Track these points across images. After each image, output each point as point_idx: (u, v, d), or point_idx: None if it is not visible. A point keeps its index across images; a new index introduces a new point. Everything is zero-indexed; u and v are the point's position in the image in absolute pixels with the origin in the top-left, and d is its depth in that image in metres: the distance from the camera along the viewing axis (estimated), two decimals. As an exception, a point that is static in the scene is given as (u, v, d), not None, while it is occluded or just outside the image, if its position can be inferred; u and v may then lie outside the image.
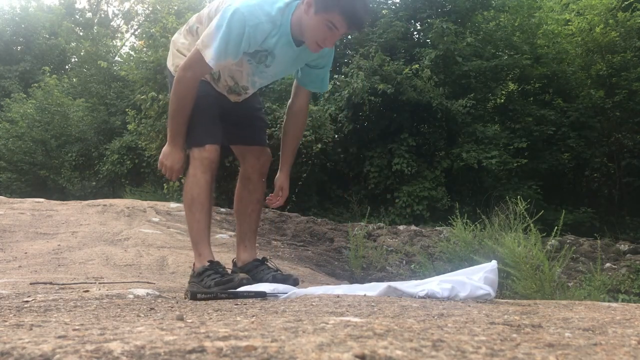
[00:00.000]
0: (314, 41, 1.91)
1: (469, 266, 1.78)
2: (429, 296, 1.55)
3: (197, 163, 2.01)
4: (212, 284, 1.79)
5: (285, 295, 1.67)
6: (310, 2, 1.86)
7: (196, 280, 1.90)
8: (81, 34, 19.82)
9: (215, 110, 2.10)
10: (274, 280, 2.05)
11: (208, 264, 1.89)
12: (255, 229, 2.35)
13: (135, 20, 23.89)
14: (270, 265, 2.24)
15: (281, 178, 2.28)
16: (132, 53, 12.37)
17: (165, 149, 2.06)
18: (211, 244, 2.07)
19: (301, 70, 2.20)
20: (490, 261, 1.72)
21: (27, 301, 1.49)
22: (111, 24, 24.00)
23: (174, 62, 2.14)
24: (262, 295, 1.65)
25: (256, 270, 2.18)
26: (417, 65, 8.89)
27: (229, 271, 2.02)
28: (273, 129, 7.31)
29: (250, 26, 1.84)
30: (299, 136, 2.37)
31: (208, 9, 2.10)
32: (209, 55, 1.86)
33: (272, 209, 6.76)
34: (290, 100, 2.28)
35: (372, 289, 1.65)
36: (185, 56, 2.04)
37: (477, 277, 1.65)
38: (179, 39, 2.17)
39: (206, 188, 2.00)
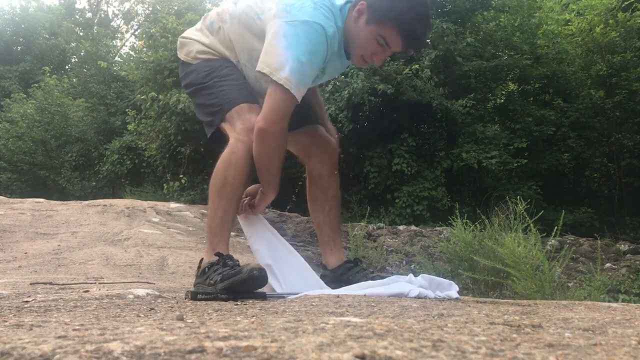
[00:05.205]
0: (360, 54, 1.66)
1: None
2: (420, 296, 1.56)
3: (242, 135, 1.62)
4: (218, 279, 1.56)
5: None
6: (362, 10, 1.60)
7: (201, 279, 1.66)
8: (81, 34, 19.84)
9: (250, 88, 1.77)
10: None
11: (216, 257, 1.62)
12: (338, 227, 2.06)
13: (135, 20, 23.94)
14: (364, 266, 2.02)
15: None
16: (132, 53, 12.39)
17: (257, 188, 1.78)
18: None
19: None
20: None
21: (27, 301, 1.49)
22: (111, 24, 24.02)
23: (188, 51, 1.86)
24: (262, 296, 1.65)
25: (350, 272, 1.95)
26: (417, 66, 8.88)
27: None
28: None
29: (329, 39, 1.57)
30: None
31: (234, 4, 1.76)
32: (292, 82, 1.53)
33: (272, 209, 6.76)
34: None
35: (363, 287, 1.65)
36: (200, 42, 1.79)
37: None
38: (192, 32, 1.89)
39: (245, 172, 1.64)
